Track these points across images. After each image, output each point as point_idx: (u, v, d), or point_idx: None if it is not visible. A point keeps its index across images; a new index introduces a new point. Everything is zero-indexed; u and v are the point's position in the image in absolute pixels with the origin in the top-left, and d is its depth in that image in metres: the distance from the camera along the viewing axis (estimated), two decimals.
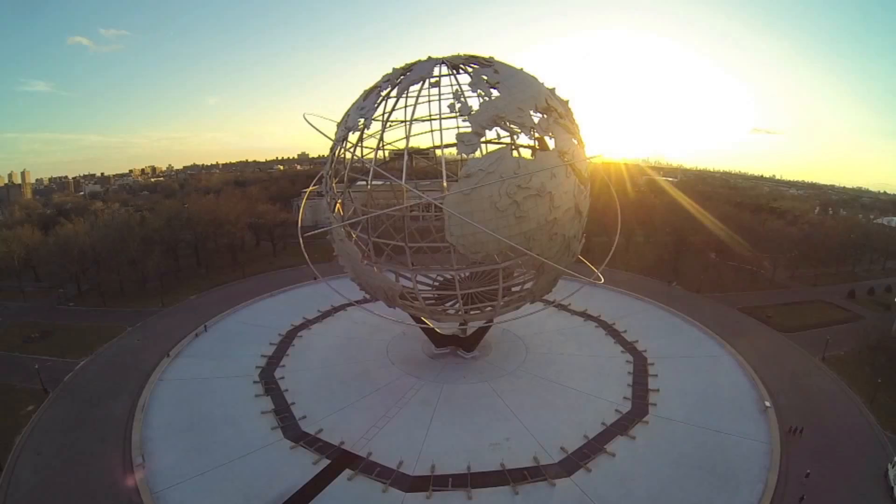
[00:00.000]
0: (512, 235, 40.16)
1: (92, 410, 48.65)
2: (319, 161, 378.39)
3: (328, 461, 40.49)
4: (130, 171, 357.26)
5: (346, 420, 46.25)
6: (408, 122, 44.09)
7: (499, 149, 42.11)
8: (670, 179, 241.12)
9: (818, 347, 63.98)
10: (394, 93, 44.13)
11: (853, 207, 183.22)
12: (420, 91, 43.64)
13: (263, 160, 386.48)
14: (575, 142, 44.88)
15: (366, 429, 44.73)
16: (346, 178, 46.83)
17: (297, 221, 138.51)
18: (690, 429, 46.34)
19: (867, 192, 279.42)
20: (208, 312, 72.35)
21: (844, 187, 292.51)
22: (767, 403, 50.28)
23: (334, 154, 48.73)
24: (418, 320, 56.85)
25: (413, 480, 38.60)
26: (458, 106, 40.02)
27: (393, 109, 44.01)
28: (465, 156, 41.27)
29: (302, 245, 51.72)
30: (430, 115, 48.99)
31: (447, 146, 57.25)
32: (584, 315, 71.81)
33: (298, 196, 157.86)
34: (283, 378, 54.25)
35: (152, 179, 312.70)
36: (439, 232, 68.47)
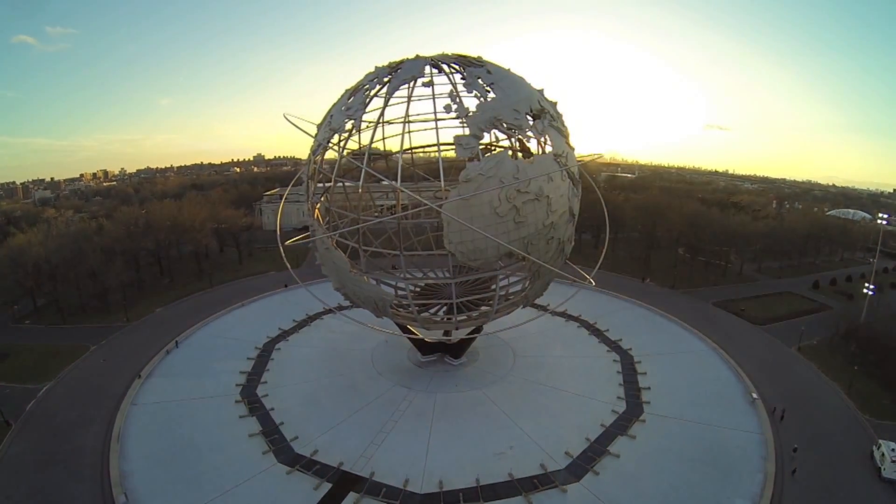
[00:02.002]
0: (511, 241, 39.26)
1: (62, 443, 44.12)
2: (276, 163, 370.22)
3: (329, 485, 38.12)
4: (81, 175, 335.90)
5: (342, 438, 43.90)
6: (405, 122, 42.21)
7: (497, 152, 40.89)
8: (628, 175, 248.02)
9: (792, 338, 66.59)
10: (383, 92, 42.20)
11: (806, 201, 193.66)
12: (412, 91, 41.72)
13: (219, 162, 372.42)
14: (568, 144, 44.55)
15: (364, 446, 42.59)
16: (333, 182, 44.37)
17: (262, 227, 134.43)
18: (686, 424, 47.00)
19: (817, 185, 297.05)
20: (177, 326, 68.01)
21: (795, 181, 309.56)
22: (754, 395, 51.66)
23: (316, 156, 46.15)
24: (404, 328, 55.10)
25: (422, 499, 37.06)
26: (454, 107, 38.67)
27: (385, 107, 41.79)
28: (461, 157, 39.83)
29: (283, 254, 48.70)
30: (407, 118, 46.87)
31: (418, 148, 55.96)
32: (565, 315, 71.52)
33: (260, 199, 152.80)
34: (266, 396, 51.13)
35: (105, 184, 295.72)
36: (417, 235, 67.25)
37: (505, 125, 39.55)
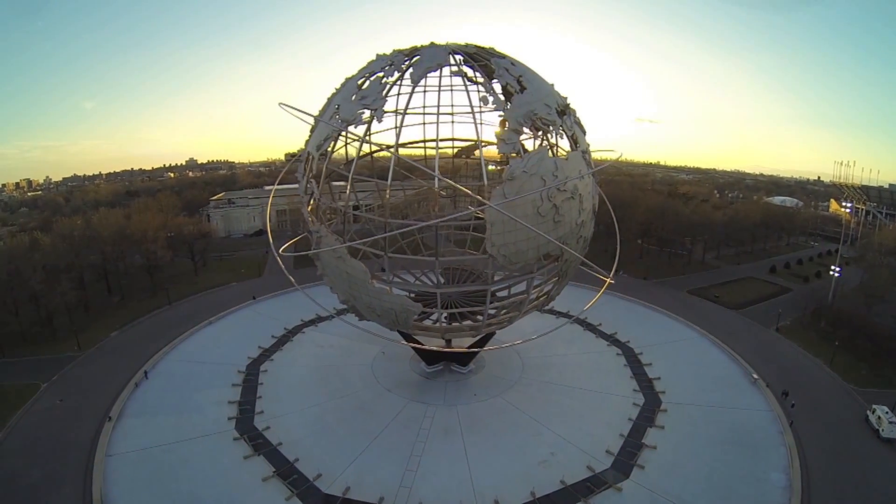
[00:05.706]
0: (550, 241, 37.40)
1: None
2: (210, 167, 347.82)
3: None
4: (3, 185, 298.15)
5: (372, 470, 39.38)
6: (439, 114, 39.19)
7: (538, 148, 38.83)
8: None
9: (767, 320, 70.76)
10: (405, 81, 38.77)
11: (741, 189, 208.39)
12: (440, 81, 38.65)
13: (150, 168, 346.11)
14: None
15: (400, 475, 38.56)
16: (350, 181, 39.82)
17: (213, 234, 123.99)
18: (704, 409, 48.09)
19: (746, 174, 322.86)
20: (141, 352, 59.17)
21: (725, 170, 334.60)
22: (755, 376, 54.03)
23: (320, 153, 41.37)
24: (409, 338, 51.32)
25: None
26: (490, 99, 36.15)
27: (411, 95, 38.27)
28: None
29: (279, 260, 43.78)
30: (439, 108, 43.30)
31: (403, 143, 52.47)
32: (554, 312, 70.84)
33: (207, 205, 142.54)
34: (268, 429, 44.76)
35: (30, 194, 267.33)
36: (406, 238, 63.28)
37: (540, 120, 37.58)
